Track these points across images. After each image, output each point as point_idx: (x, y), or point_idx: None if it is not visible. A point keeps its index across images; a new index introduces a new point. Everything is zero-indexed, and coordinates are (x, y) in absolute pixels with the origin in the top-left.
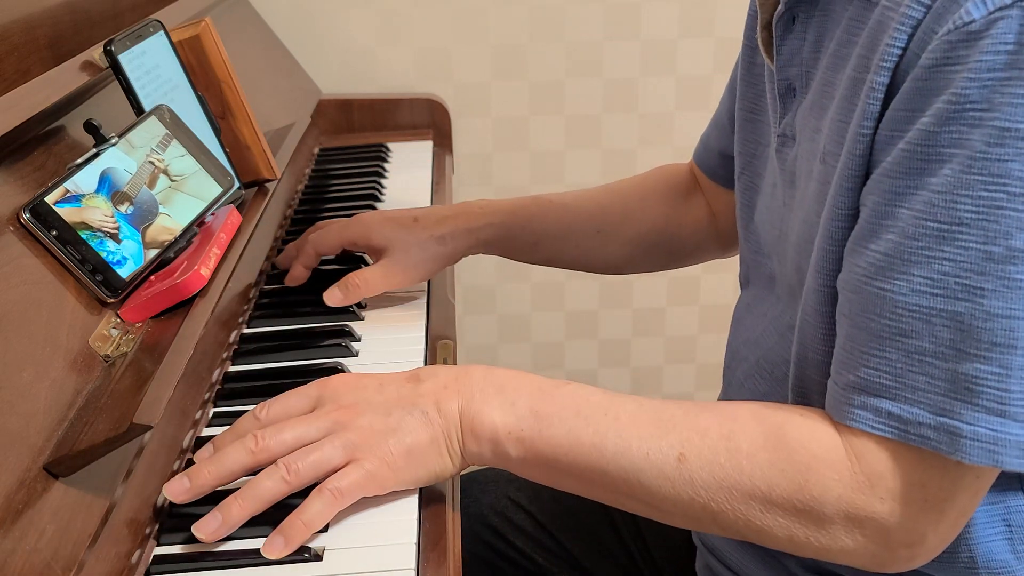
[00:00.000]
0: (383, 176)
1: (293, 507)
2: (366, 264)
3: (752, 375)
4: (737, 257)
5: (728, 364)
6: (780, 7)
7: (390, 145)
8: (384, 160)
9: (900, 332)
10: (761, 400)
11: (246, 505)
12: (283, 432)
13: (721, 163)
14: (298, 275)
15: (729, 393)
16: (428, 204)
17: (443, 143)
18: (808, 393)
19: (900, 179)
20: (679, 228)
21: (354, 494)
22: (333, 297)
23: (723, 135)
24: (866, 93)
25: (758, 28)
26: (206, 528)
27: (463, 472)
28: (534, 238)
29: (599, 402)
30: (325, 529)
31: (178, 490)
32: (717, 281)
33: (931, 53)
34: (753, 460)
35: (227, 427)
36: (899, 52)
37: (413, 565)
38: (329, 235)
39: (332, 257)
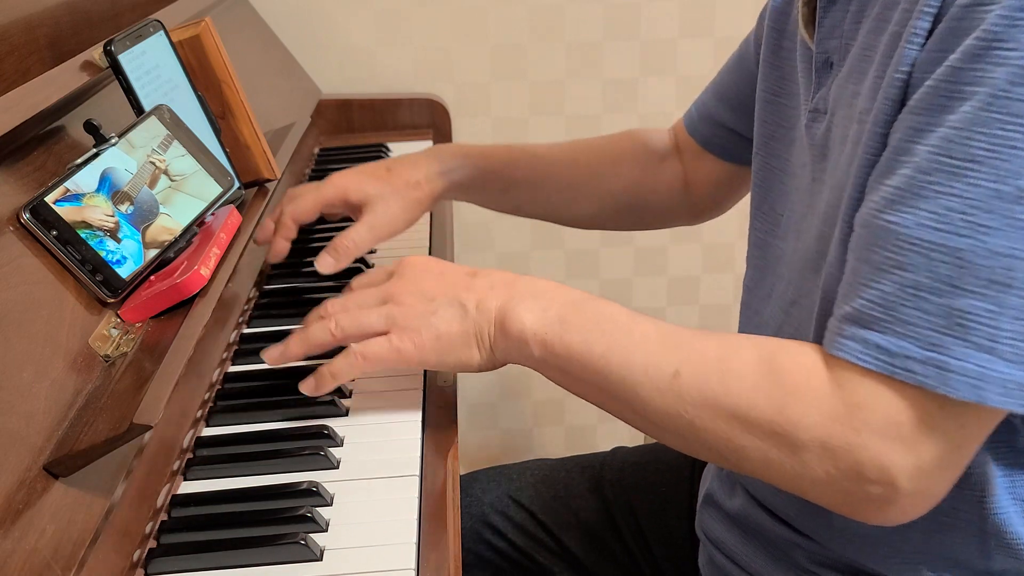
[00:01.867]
0: None
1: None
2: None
3: None
4: (736, 257)
5: None
6: None
7: (390, 145)
8: None
9: (899, 265)
10: None
11: (301, 345)
12: (348, 301)
13: (717, 133)
14: (280, 249)
15: None
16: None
17: (443, 143)
18: None
19: (922, 115)
20: (650, 192)
21: (375, 362)
22: (325, 264)
23: (727, 109)
24: (905, 39)
25: (799, 5)
26: (271, 354)
27: (463, 472)
28: (505, 184)
29: (619, 319)
30: (325, 528)
31: (274, 356)
32: (717, 281)
33: None
34: (741, 381)
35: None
36: None
37: (413, 565)
38: (305, 202)
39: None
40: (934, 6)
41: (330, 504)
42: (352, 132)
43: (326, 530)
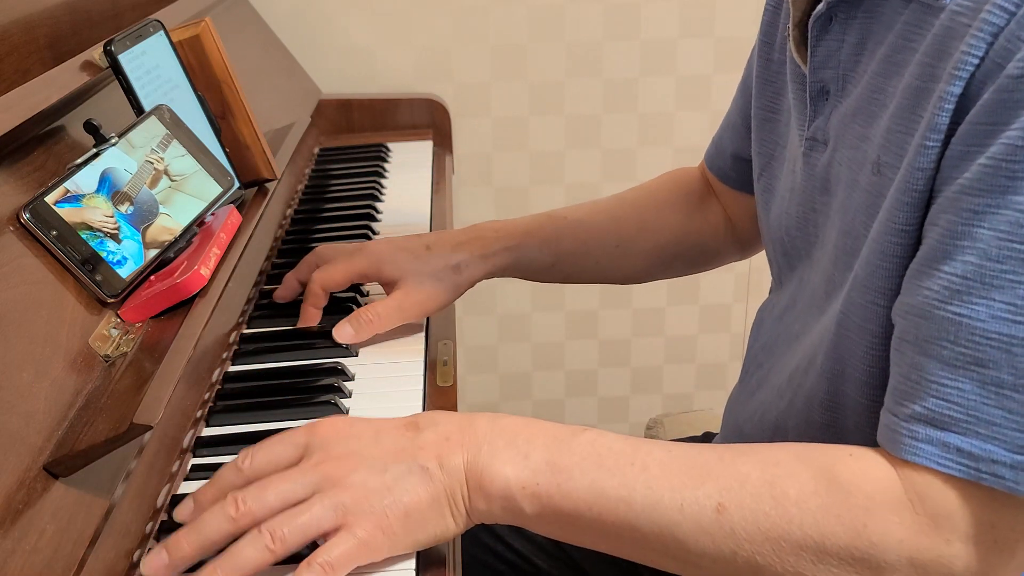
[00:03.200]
0: (383, 176)
1: None
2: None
3: (763, 384)
4: (740, 257)
5: (746, 368)
6: (820, 6)
7: (390, 145)
8: (384, 160)
9: (976, 361)
10: (758, 412)
11: (231, 573)
12: (266, 492)
13: (733, 165)
14: (310, 317)
15: (741, 398)
16: (428, 203)
17: (443, 143)
18: (841, 410)
19: (981, 197)
20: (697, 235)
21: (345, 567)
22: (344, 334)
23: (736, 137)
24: (934, 104)
25: (789, 26)
26: None
27: None
28: (551, 259)
29: (622, 450)
30: None
31: (157, 565)
32: (717, 281)
33: (1020, 62)
34: (803, 507)
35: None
36: (976, 61)
37: (413, 565)
38: (335, 271)
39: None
40: (967, 71)
41: None
42: (352, 132)
43: None
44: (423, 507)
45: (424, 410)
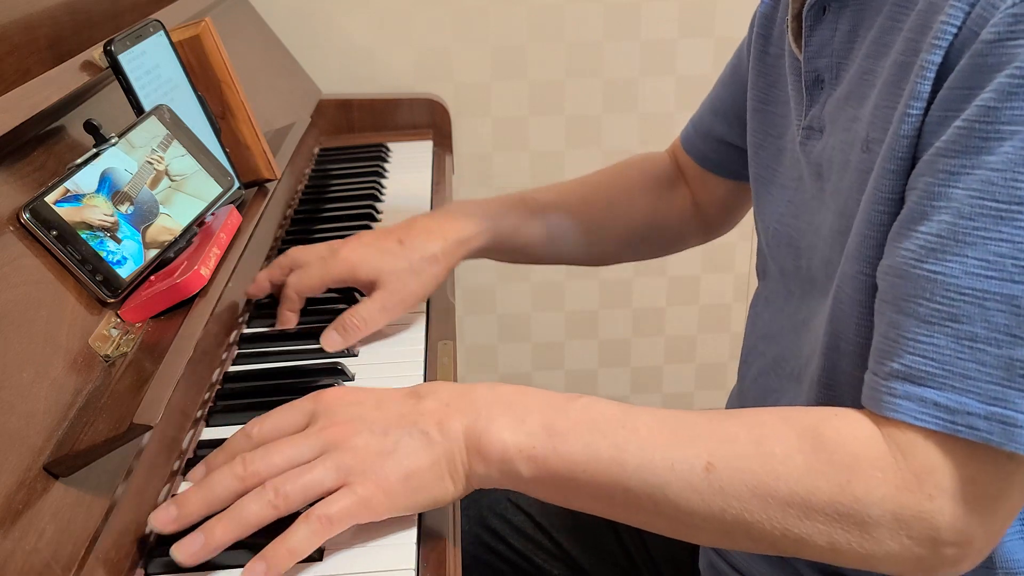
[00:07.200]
0: (383, 176)
1: (281, 530)
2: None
3: (766, 371)
4: (736, 257)
5: (744, 359)
6: None
7: (390, 145)
8: (384, 160)
9: (951, 317)
10: (771, 398)
11: (230, 528)
12: (272, 454)
13: (717, 148)
14: (287, 320)
15: (742, 389)
16: (428, 204)
17: (443, 143)
18: (837, 386)
19: (956, 158)
20: (664, 219)
21: (344, 522)
22: (332, 342)
23: (724, 123)
24: (915, 73)
25: (788, 18)
26: (187, 549)
27: None
28: (523, 240)
29: (615, 415)
30: None
31: (165, 519)
32: (717, 281)
33: (994, 27)
34: (789, 464)
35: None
36: (954, 30)
37: (413, 565)
38: (310, 278)
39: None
40: (946, 40)
41: None
42: (352, 132)
43: None
44: (423, 470)
45: None
